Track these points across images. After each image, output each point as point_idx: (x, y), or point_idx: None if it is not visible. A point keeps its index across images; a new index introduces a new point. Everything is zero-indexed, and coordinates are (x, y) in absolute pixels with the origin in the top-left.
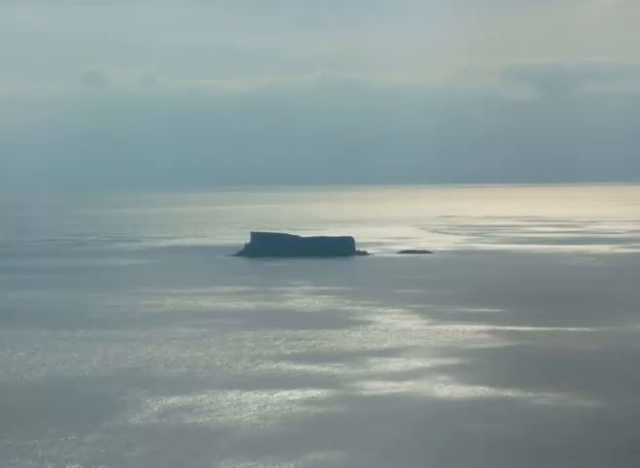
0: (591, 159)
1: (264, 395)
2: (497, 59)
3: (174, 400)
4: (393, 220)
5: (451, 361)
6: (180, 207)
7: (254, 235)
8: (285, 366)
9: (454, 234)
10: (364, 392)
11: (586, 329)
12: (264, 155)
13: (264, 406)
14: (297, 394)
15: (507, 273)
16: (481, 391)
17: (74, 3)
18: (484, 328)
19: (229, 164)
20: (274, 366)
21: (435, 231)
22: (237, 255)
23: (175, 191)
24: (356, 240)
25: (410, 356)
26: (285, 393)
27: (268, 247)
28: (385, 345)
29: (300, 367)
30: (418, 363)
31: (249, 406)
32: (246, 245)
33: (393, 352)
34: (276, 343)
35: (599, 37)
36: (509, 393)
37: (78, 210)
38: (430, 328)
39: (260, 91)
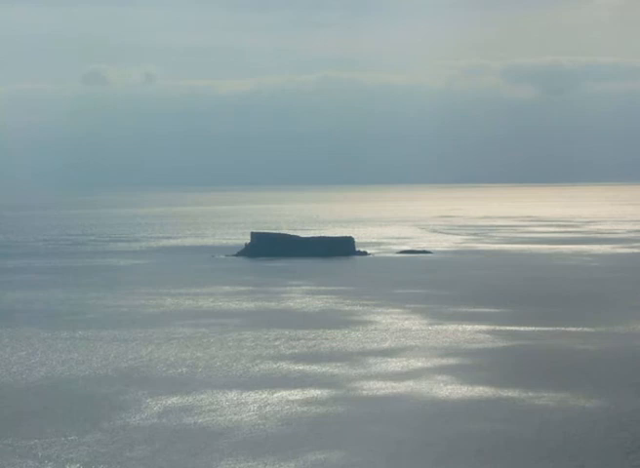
0: (591, 159)
1: (264, 395)
2: (497, 59)
3: (174, 400)
4: (393, 220)
5: (451, 361)
6: (180, 207)
7: (254, 235)
8: (285, 366)
9: (453, 234)
10: (364, 392)
11: (586, 329)
12: (264, 155)
13: (264, 406)
14: (297, 394)
15: (507, 273)
16: (481, 391)
17: (74, 3)
18: (484, 328)
19: (229, 164)
20: (274, 366)
21: (435, 231)
22: (237, 255)
23: (175, 191)
24: (356, 240)
25: (410, 356)
26: (285, 393)
27: (268, 247)
28: (385, 345)
29: (299, 367)
30: (418, 363)
31: (249, 406)
32: (246, 245)
33: (393, 352)
34: (276, 343)
35: (599, 37)
36: (509, 393)
37: (78, 210)
38: (430, 328)
39: (261, 91)
